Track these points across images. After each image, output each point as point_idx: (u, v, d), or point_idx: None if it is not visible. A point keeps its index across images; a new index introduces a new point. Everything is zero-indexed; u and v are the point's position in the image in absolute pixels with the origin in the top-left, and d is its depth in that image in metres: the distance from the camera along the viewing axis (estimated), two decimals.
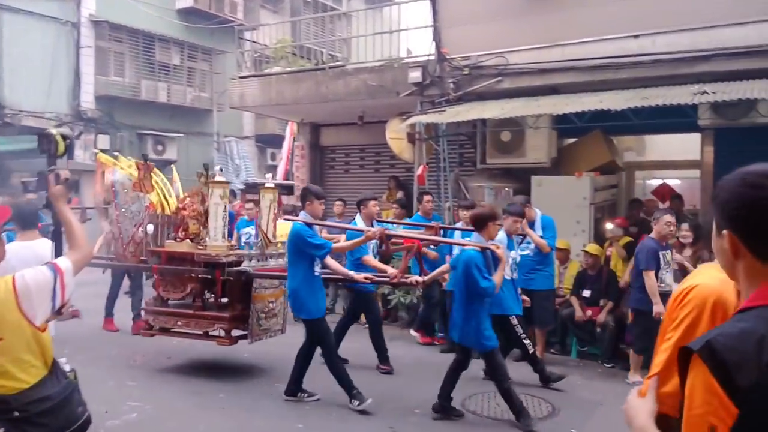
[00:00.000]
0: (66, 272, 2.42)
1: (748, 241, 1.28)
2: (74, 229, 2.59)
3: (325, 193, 10.85)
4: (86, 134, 15.75)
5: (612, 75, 7.64)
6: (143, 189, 6.55)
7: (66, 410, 2.39)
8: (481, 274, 4.78)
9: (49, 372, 2.38)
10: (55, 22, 15.25)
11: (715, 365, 1.17)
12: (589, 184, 7.96)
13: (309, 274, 5.35)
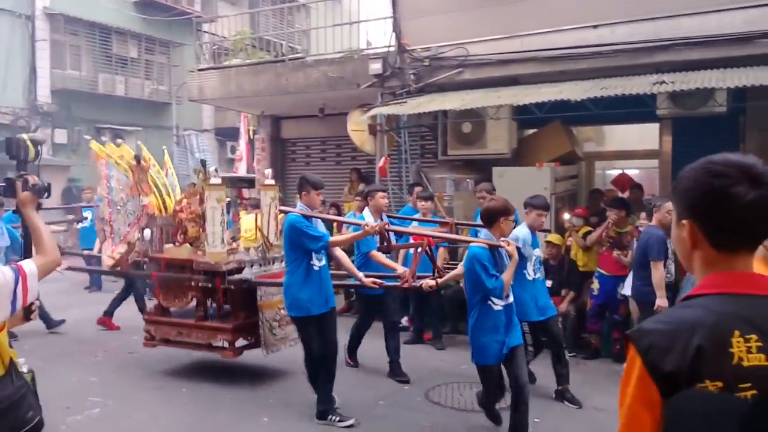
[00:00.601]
0: (30, 276, 2.38)
1: (707, 231, 1.27)
2: (42, 234, 2.57)
3: (286, 185, 10.76)
4: (43, 129, 15.39)
5: (572, 65, 7.67)
6: (141, 192, 6.16)
7: (12, 415, 2.32)
8: (487, 272, 4.23)
9: (6, 373, 2.32)
10: (9, 15, 14.86)
11: (642, 348, 1.20)
12: (550, 175, 7.98)
13: (303, 268, 4.88)
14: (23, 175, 2.63)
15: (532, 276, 5.29)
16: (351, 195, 10.22)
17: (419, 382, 5.92)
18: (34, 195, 2.61)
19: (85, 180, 13.49)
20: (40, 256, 2.52)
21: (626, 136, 9.85)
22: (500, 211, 4.39)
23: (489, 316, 4.31)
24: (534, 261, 5.33)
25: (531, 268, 5.28)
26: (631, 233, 6.67)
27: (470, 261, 4.33)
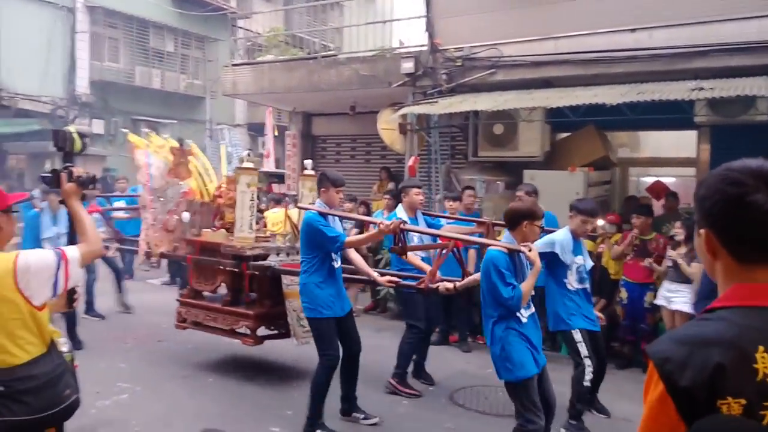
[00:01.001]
0: (72, 261, 2.46)
1: (725, 241, 1.22)
2: (86, 225, 2.65)
3: None
4: (81, 119, 15.73)
5: (607, 69, 7.54)
6: (179, 176, 6.20)
7: (50, 392, 2.39)
8: (503, 280, 3.77)
9: (47, 350, 2.41)
10: (51, 7, 15.20)
11: (659, 362, 1.16)
12: (583, 180, 7.87)
13: (324, 268, 4.70)
14: (68, 167, 2.70)
15: (574, 287, 4.80)
16: (380, 193, 10.21)
17: (444, 384, 5.90)
18: (78, 186, 2.68)
19: (120, 170, 13.73)
20: (84, 244, 2.60)
21: (662, 143, 9.67)
22: (524, 213, 3.95)
23: (519, 328, 3.86)
24: (576, 270, 4.83)
25: (572, 277, 4.80)
26: (656, 240, 6.55)
27: (486, 266, 3.87)
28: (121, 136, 16.43)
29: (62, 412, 2.45)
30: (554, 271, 4.82)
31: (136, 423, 4.79)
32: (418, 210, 5.80)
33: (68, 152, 2.80)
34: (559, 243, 4.76)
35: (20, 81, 14.76)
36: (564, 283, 4.80)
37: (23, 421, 2.32)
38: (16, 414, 2.30)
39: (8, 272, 2.33)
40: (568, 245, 4.80)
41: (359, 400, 5.05)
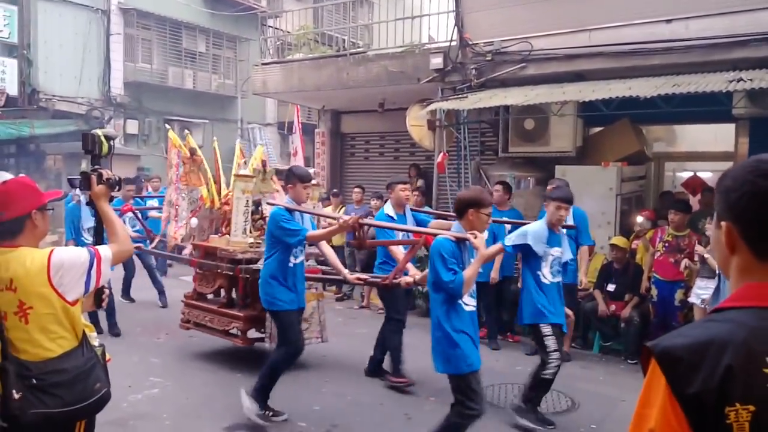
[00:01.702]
0: (104, 260, 2.53)
1: (747, 236, 1.15)
2: (115, 225, 2.73)
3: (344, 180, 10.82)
4: (116, 119, 16.02)
5: (642, 61, 7.36)
6: (189, 183, 6.41)
7: (81, 385, 2.43)
8: (445, 265, 3.70)
9: (78, 344, 2.46)
10: (86, 10, 15.48)
11: (665, 364, 1.07)
12: (616, 175, 7.71)
13: (283, 262, 4.80)
14: (97, 169, 2.75)
15: (549, 279, 4.79)
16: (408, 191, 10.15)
17: None
18: (107, 188, 2.73)
19: (153, 169, 13.93)
20: (115, 244, 2.65)
21: (699, 137, 9.40)
22: (470, 202, 3.83)
23: (462, 317, 3.79)
24: (551, 262, 4.79)
25: (547, 269, 4.78)
26: (689, 236, 6.36)
27: (432, 253, 3.82)
28: (155, 135, 16.72)
29: (93, 405, 2.49)
30: (529, 263, 4.82)
31: (167, 416, 4.84)
32: (407, 206, 5.84)
33: (96, 155, 2.84)
34: (532, 234, 4.75)
35: (57, 83, 15.09)
36: (538, 276, 4.78)
37: (55, 414, 2.36)
38: (49, 406, 2.34)
39: (42, 268, 2.38)
40: (541, 236, 4.77)
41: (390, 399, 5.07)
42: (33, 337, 2.37)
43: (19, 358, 2.36)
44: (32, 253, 2.44)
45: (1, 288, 2.38)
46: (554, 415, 5.09)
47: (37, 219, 2.50)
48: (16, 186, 2.53)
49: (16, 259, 2.41)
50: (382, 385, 5.64)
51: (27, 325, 2.37)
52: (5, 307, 2.38)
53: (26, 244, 2.47)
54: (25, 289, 2.37)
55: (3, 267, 2.40)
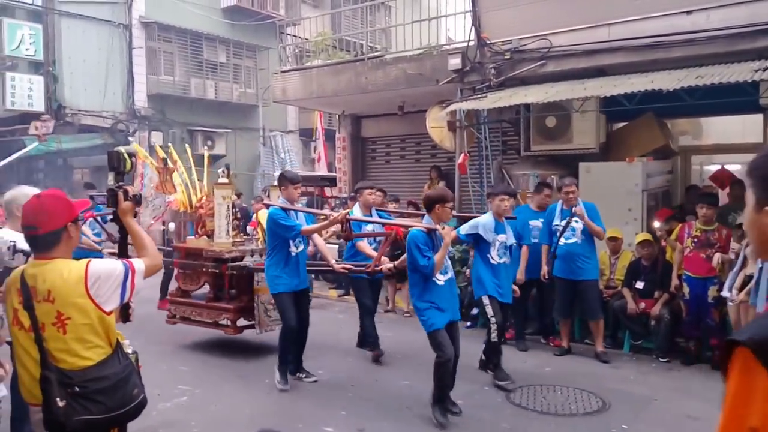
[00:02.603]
0: (138, 273, 2.59)
1: None
2: (145, 240, 2.78)
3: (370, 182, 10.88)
4: (140, 131, 16.21)
5: (663, 54, 7.26)
6: (165, 191, 7.01)
7: (122, 391, 2.49)
8: (421, 253, 4.67)
9: (113, 352, 2.51)
10: (108, 25, 15.70)
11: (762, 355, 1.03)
12: (642, 170, 7.58)
13: (283, 254, 5.64)
14: (123, 186, 2.80)
15: (497, 260, 5.66)
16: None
17: None
18: (133, 204, 2.80)
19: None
20: (147, 258, 2.71)
21: (726, 129, 9.22)
22: (436, 199, 4.85)
23: (433, 290, 4.77)
24: (498, 246, 5.66)
25: (495, 252, 5.64)
26: (719, 230, 6.22)
27: (408, 242, 4.78)
28: (180, 146, 16.92)
29: (133, 410, 2.55)
30: (480, 248, 5.72)
31: (196, 424, 4.86)
32: (373, 208, 6.64)
33: (121, 172, 2.91)
34: (482, 225, 5.64)
35: (82, 98, 15.34)
36: (487, 257, 5.66)
37: (99, 420, 2.43)
38: (93, 413, 2.40)
39: (80, 279, 2.43)
40: (490, 226, 5.65)
41: (416, 404, 5.03)
42: (70, 346, 2.41)
43: (59, 367, 2.40)
44: (68, 264, 2.49)
45: (39, 299, 2.43)
46: (584, 416, 5.02)
47: (72, 231, 2.55)
48: (50, 200, 2.57)
49: (53, 270, 2.45)
50: (409, 389, 5.60)
51: (65, 335, 2.41)
52: (43, 318, 2.42)
53: (61, 255, 2.51)
54: (63, 299, 2.41)
55: (40, 279, 2.44)
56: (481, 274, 5.66)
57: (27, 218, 2.52)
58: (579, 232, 6.48)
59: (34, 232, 2.49)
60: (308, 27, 13.61)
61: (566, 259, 6.49)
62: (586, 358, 6.58)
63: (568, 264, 6.52)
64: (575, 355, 6.71)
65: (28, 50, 14.62)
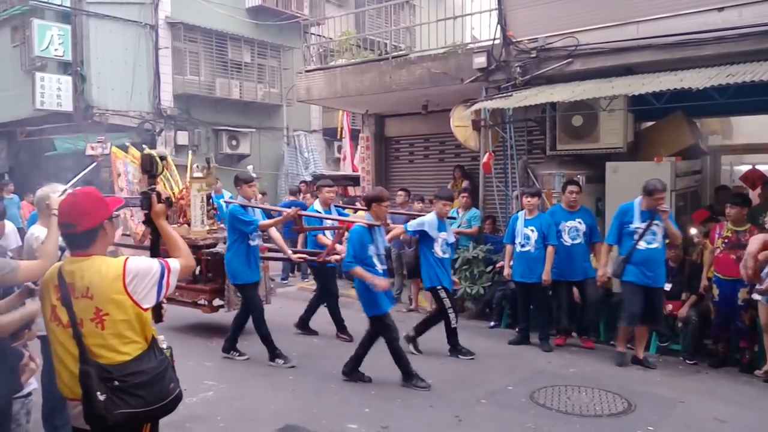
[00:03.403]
0: (173, 272, 2.64)
1: None
2: (178, 242, 2.85)
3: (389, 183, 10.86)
4: (166, 131, 16.38)
5: (693, 52, 7.12)
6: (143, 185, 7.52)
7: (159, 385, 2.52)
8: (361, 243, 5.44)
9: (148, 348, 2.54)
10: (135, 26, 15.88)
11: None
12: (670, 170, 7.44)
13: (243, 246, 6.30)
14: (155, 189, 2.85)
15: (440, 255, 6.47)
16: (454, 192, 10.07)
17: (524, 383, 5.74)
18: (166, 207, 2.85)
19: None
20: (182, 258, 2.75)
21: (757, 128, 9.01)
22: (373, 198, 5.64)
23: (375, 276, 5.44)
24: (441, 243, 6.45)
25: (438, 248, 6.45)
26: (750, 231, 6.09)
27: (351, 235, 5.63)
28: (205, 146, 17.06)
29: (171, 403, 2.57)
30: (425, 243, 6.49)
31: (222, 419, 4.91)
32: (332, 204, 7.41)
33: (153, 174, 2.96)
34: (428, 223, 6.43)
35: (110, 98, 15.54)
36: (432, 252, 6.44)
37: (139, 413, 2.46)
38: (133, 406, 2.43)
39: (118, 276, 2.46)
40: (434, 224, 6.42)
41: (440, 401, 5.02)
42: (108, 342, 2.44)
43: (97, 362, 2.43)
44: (106, 261, 2.53)
45: (78, 296, 2.46)
46: (609, 417, 4.96)
47: (108, 228, 2.59)
48: (86, 198, 2.60)
49: (91, 267, 2.48)
50: (432, 388, 5.58)
51: (103, 330, 2.44)
52: (82, 314, 2.45)
53: (97, 252, 2.55)
54: (102, 296, 2.44)
55: (78, 275, 2.47)
56: (435, 269, 6.44)
57: (64, 216, 2.55)
58: (659, 236, 6.17)
59: (72, 230, 2.53)
60: (332, 26, 13.65)
61: (646, 264, 6.11)
62: (610, 358, 6.50)
63: (647, 270, 6.11)
64: (600, 357, 6.64)
65: (57, 51, 14.87)
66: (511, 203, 8.64)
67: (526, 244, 6.98)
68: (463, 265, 8.27)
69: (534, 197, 7.11)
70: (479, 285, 8.11)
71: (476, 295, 8.16)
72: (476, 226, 8.57)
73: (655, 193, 6.01)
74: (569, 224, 6.96)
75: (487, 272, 8.19)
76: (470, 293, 8.17)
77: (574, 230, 6.94)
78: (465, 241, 8.52)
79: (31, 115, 15.41)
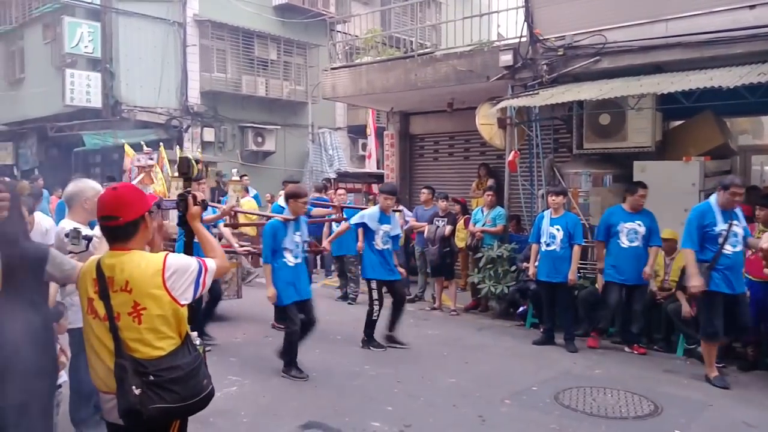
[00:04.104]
0: (210, 272, 2.65)
1: None
2: (213, 244, 2.87)
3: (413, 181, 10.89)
4: (193, 128, 16.56)
5: (724, 50, 6.99)
6: (143, 182, 8.09)
7: (194, 380, 2.53)
8: (275, 237, 5.82)
9: (182, 343, 2.56)
10: (163, 23, 16.07)
11: None
12: (699, 170, 7.36)
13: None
14: (191, 192, 2.87)
15: (381, 246, 6.80)
16: (479, 191, 10.04)
17: (548, 384, 5.70)
18: (201, 209, 2.87)
19: (229, 175, 14.28)
20: (218, 259, 2.76)
21: None
22: (290, 195, 6.05)
23: (284, 269, 5.81)
24: (382, 235, 6.79)
25: (379, 239, 6.79)
26: None
27: (266, 229, 6.01)
28: (231, 142, 17.23)
29: (204, 399, 2.59)
30: (366, 235, 6.86)
31: (245, 414, 4.95)
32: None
33: (189, 177, 2.99)
34: (368, 216, 6.84)
35: (138, 94, 15.77)
36: (372, 244, 6.81)
37: (173, 408, 2.48)
38: (167, 401, 2.44)
39: (158, 271, 2.48)
40: (374, 217, 6.81)
41: (464, 401, 4.97)
42: (144, 336, 2.46)
43: (133, 356, 2.45)
44: (146, 256, 2.55)
45: (116, 289, 2.47)
46: (636, 419, 4.91)
47: (148, 221, 2.62)
48: (128, 191, 2.63)
49: (131, 261, 2.50)
50: (455, 387, 5.58)
51: (139, 325, 2.46)
52: (119, 307, 2.47)
53: (136, 247, 2.57)
54: (140, 290, 2.46)
55: (118, 269, 2.49)
56: (371, 260, 6.83)
57: (105, 209, 2.56)
58: (740, 237, 5.70)
59: (114, 222, 2.53)
60: (358, 24, 13.67)
61: (732, 270, 5.64)
62: (637, 360, 6.43)
63: (732, 276, 5.63)
64: (626, 358, 6.57)
65: (86, 48, 15.12)
66: (536, 202, 8.56)
67: (551, 243, 6.94)
68: (488, 263, 8.24)
69: (559, 196, 7.06)
70: (503, 284, 8.07)
71: (500, 294, 8.12)
72: (501, 225, 8.54)
73: (732, 187, 5.57)
74: (628, 225, 6.67)
75: (511, 271, 8.15)
76: (494, 292, 8.14)
77: (633, 232, 6.65)
78: (489, 239, 8.49)
79: (60, 111, 15.68)
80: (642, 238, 6.66)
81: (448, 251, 8.53)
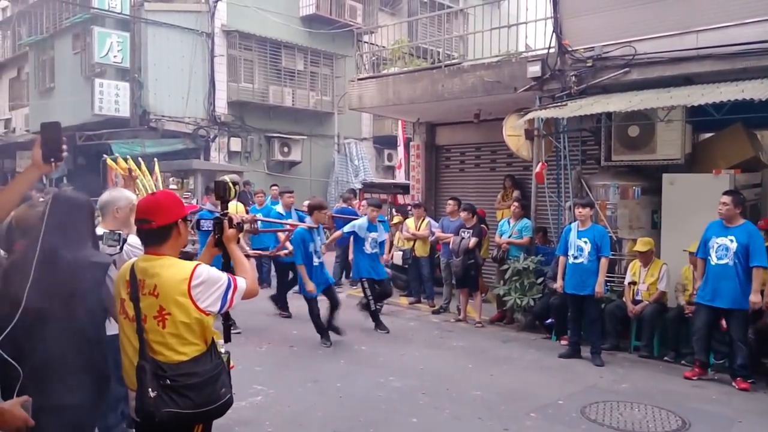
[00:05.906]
0: (239, 290, 2.66)
1: None
2: (246, 268, 2.86)
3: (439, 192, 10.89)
4: (220, 137, 16.77)
5: (755, 62, 6.89)
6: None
7: (209, 389, 2.56)
8: (305, 243, 7.13)
9: (207, 350, 2.60)
10: (191, 34, 16.32)
11: None
12: (729, 183, 7.23)
13: None
14: (227, 214, 2.91)
15: (369, 251, 8.06)
16: (504, 202, 9.99)
17: (575, 398, 5.64)
18: (237, 232, 2.89)
19: (256, 184, 14.44)
20: (249, 281, 2.77)
21: None
22: (313, 207, 7.43)
23: (313, 268, 7.15)
24: (370, 241, 8.03)
25: (368, 245, 8.04)
26: None
27: (295, 236, 7.33)
28: (257, 152, 17.41)
29: (218, 408, 2.61)
30: (357, 241, 8.11)
31: (270, 424, 4.96)
32: (292, 208, 9.49)
33: (226, 200, 3.00)
34: (357, 225, 8.10)
35: (166, 104, 16.02)
36: (363, 249, 8.05)
37: (185, 414, 2.50)
38: (180, 407, 2.48)
39: (185, 279, 2.52)
40: (363, 226, 8.06)
41: (489, 413, 4.92)
42: (167, 340, 2.51)
43: (155, 359, 2.50)
44: (177, 263, 2.59)
45: (146, 292, 2.54)
46: None
47: (181, 228, 2.68)
48: (165, 196, 2.72)
49: (162, 266, 2.56)
50: (480, 400, 5.55)
51: (163, 329, 2.51)
52: (146, 310, 2.53)
53: (169, 252, 2.63)
54: (167, 295, 2.51)
55: (149, 273, 2.56)
56: (361, 262, 8.09)
57: (142, 213, 2.64)
58: None
59: (148, 226, 2.60)
60: (385, 35, 13.76)
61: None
62: (664, 375, 6.33)
63: None
64: (654, 372, 6.47)
65: (115, 57, 15.40)
66: (563, 214, 8.50)
67: (579, 256, 6.88)
68: (514, 276, 8.19)
69: (586, 208, 7.01)
70: (529, 296, 8.01)
71: (526, 306, 8.06)
72: (527, 237, 8.49)
73: None
74: (719, 241, 6.08)
75: (537, 284, 8.09)
76: (520, 305, 8.08)
77: (723, 248, 6.03)
78: (516, 251, 8.45)
79: (89, 120, 15.95)
80: (734, 255, 5.97)
81: (472, 263, 8.49)
